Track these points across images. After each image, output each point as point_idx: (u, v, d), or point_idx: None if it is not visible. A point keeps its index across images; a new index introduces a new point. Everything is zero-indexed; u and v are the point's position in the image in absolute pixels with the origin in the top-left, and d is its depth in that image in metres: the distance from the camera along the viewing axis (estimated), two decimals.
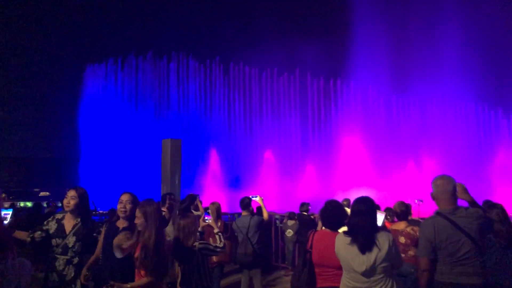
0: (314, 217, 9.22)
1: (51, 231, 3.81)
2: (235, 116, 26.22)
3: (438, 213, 3.09)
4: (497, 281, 3.43)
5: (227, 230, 7.14)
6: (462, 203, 3.21)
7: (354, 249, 2.82)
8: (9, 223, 1.96)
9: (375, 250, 2.77)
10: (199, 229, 4.01)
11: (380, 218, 4.18)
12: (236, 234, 6.25)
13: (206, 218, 4.26)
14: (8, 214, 2.00)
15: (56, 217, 3.91)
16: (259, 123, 25.78)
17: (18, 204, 20.46)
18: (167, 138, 7.90)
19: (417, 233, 4.77)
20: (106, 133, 24.69)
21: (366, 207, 2.89)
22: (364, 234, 2.81)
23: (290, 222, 9.23)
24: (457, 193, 3.18)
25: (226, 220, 9.34)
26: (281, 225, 9.74)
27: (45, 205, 14.89)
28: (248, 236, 5.96)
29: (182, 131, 24.09)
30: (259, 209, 8.67)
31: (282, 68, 25.70)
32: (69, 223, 3.83)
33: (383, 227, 4.69)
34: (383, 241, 2.82)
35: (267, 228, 8.70)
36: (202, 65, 26.13)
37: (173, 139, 7.86)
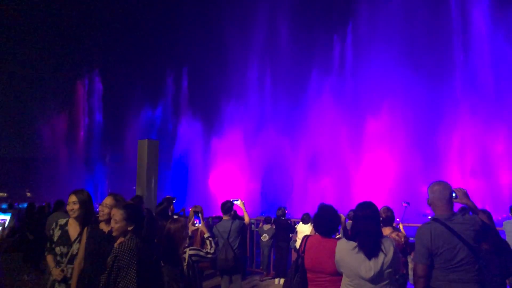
0: (291, 222, 9.21)
1: (54, 239, 3.61)
2: None
3: (434, 219, 3.10)
4: None
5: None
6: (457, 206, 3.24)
7: (360, 255, 2.77)
8: (12, 227, 1.74)
9: (381, 255, 2.75)
10: (189, 233, 3.86)
11: None
12: (216, 239, 6.09)
13: (195, 222, 4.09)
14: (5, 219, 1.78)
15: (59, 224, 3.69)
16: None
17: None
18: (143, 139, 7.61)
19: (402, 239, 4.83)
20: None
21: (371, 212, 2.87)
22: (371, 239, 2.78)
23: (266, 227, 9.16)
24: (458, 198, 3.21)
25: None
26: (256, 229, 9.66)
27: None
28: (229, 241, 5.83)
29: None
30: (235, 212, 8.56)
31: None
32: (74, 230, 3.63)
33: None
34: (388, 246, 2.80)
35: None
36: None
37: (150, 140, 7.56)
